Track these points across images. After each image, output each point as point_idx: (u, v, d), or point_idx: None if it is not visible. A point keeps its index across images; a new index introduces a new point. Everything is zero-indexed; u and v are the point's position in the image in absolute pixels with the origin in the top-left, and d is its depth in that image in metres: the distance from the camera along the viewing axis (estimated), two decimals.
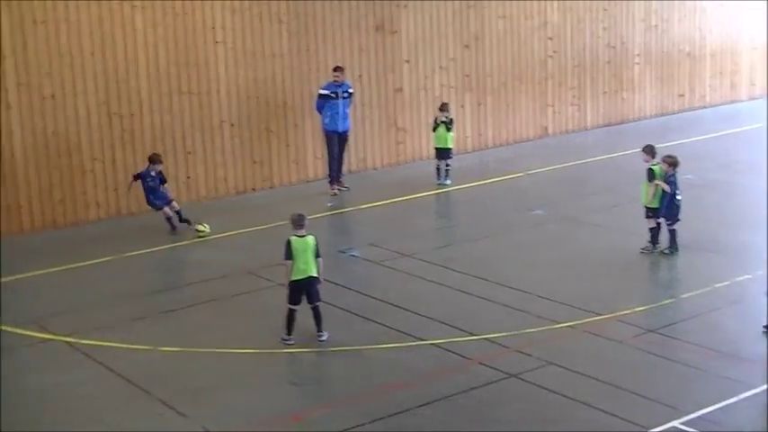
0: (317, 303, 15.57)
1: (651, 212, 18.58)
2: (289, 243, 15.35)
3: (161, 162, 21.45)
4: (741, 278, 17.23)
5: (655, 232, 18.58)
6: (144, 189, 21.27)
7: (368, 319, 16.35)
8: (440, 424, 13.02)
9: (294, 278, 15.37)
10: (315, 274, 15.46)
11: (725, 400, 13.21)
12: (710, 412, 12.90)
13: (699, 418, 12.75)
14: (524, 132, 27.82)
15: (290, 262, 15.30)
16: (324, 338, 15.52)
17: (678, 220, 18.32)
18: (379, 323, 16.18)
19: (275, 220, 21.32)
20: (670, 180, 18.29)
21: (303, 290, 15.46)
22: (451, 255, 19.47)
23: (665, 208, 18.26)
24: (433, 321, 16.13)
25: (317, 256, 15.50)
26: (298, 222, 15.52)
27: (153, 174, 21.20)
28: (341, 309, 16.81)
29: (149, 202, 21.28)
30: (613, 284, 17.39)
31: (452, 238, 21.00)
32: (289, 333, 15.45)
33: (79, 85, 21.74)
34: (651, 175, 18.42)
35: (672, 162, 18.34)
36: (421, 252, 19.40)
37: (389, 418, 13.19)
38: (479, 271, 18.15)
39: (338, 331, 15.90)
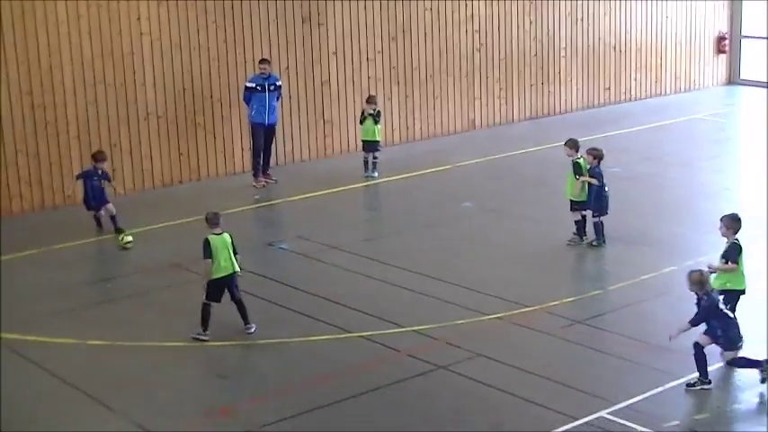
0: (240, 296, 15.48)
1: (576, 205, 18.68)
2: (207, 242, 15.22)
3: (105, 159, 20.73)
4: (668, 269, 17.39)
5: (580, 225, 18.69)
6: (86, 189, 20.41)
7: (296, 311, 16.28)
8: (369, 416, 13.02)
9: (216, 276, 15.23)
10: (237, 270, 15.36)
11: (652, 389, 13.34)
12: (638, 402, 13.03)
13: (627, 407, 12.87)
14: (452, 125, 27.87)
15: (209, 261, 15.17)
16: (252, 330, 15.43)
17: (606, 213, 18.42)
18: (308, 315, 16.13)
19: (202, 213, 21.10)
20: (595, 172, 18.38)
21: (225, 286, 15.35)
22: (380, 247, 19.47)
23: (594, 200, 18.35)
24: (361, 314, 16.10)
25: (235, 252, 15.39)
26: (213, 221, 15.42)
27: (99, 172, 20.38)
28: (269, 301, 16.72)
29: (87, 203, 20.45)
30: (541, 276, 17.48)
31: (381, 231, 21.00)
32: (205, 329, 15.31)
33: (1, 75, 21.38)
34: (578, 169, 18.51)
35: (596, 155, 18.40)
36: (349, 244, 19.36)
37: (318, 410, 13.16)
38: (408, 263, 18.14)
39: (266, 324, 15.81)
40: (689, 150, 25.48)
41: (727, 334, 13.41)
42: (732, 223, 14.57)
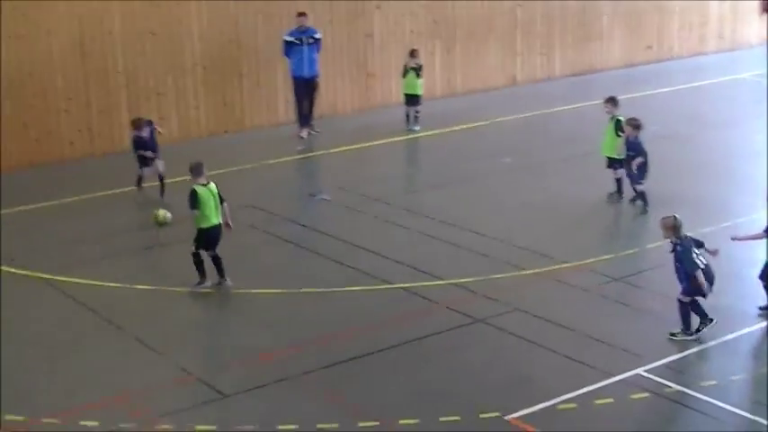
0: (217, 251, 15.45)
1: (616, 163, 18.54)
2: (194, 193, 15.17)
3: (142, 125, 19.40)
4: (705, 230, 17.22)
5: (620, 182, 18.56)
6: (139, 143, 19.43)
7: (337, 261, 16.30)
8: (406, 366, 13.02)
9: (205, 226, 15.22)
10: (220, 221, 15.34)
11: (689, 348, 13.29)
12: (674, 361, 12.97)
13: (663, 366, 12.81)
14: (493, 80, 27.71)
15: (196, 212, 15.14)
16: (228, 284, 15.43)
17: (642, 182, 18.21)
18: (349, 266, 16.14)
19: (246, 163, 21.24)
20: (635, 143, 18.10)
21: (215, 235, 15.35)
22: (420, 200, 19.42)
23: (638, 172, 18.10)
24: (400, 265, 16.10)
25: (221, 201, 15.38)
26: (197, 171, 15.34)
27: (144, 135, 19.33)
28: (311, 251, 16.76)
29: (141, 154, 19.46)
30: (579, 233, 17.40)
31: (421, 184, 20.95)
32: (203, 278, 15.36)
33: (52, 25, 21.43)
34: (619, 125, 18.34)
35: (636, 124, 18.10)
36: (389, 197, 19.34)
37: (357, 359, 13.19)
38: (448, 217, 18.11)
39: (307, 274, 15.86)
40: (730, 110, 25.23)
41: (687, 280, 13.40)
42: None
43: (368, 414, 11.83)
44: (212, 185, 15.31)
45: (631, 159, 17.89)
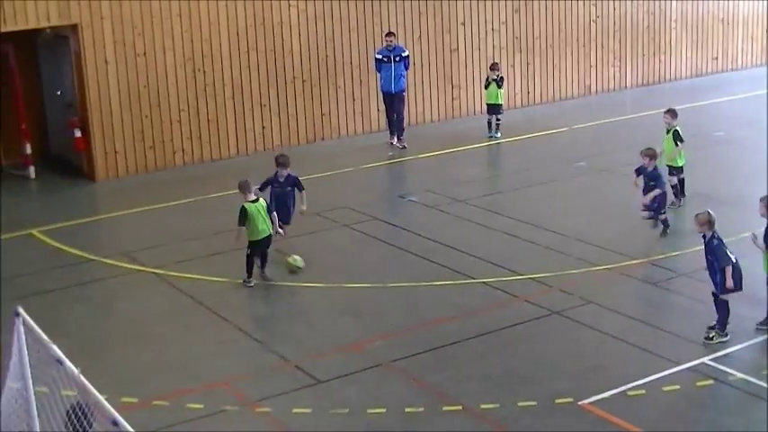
0: (266, 251, 15.49)
1: (674, 170, 18.05)
2: (244, 210, 15.11)
3: (286, 164, 16.56)
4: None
5: (676, 188, 18.00)
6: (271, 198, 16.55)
7: (423, 258, 16.17)
8: (487, 355, 12.88)
9: (256, 239, 15.19)
10: (271, 232, 15.35)
11: (752, 339, 12.94)
12: (737, 350, 12.66)
13: (726, 355, 12.51)
14: (569, 90, 27.33)
15: (243, 228, 15.10)
16: (266, 275, 15.45)
17: (664, 212, 16.89)
18: (434, 262, 16.01)
19: (341, 168, 21.21)
20: (653, 175, 16.72)
21: (264, 245, 15.34)
22: (501, 201, 19.21)
23: (658, 204, 16.71)
24: (482, 261, 15.93)
25: (269, 212, 15.36)
26: (245, 188, 15.27)
27: (281, 179, 16.56)
28: (398, 248, 16.66)
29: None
30: (648, 231, 17.01)
31: (502, 186, 20.72)
32: (250, 277, 15.34)
33: (167, 44, 21.63)
34: (678, 136, 17.86)
35: (651, 155, 16.75)
36: (473, 198, 19.15)
37: (441, 348, 13.08)
38: (526, 216, 17.88)
39: (396, 269, 15.78)
40: None
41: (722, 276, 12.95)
42: None
43: (451, 399, 11.72)
44: (261, 201, 15.31)
45: (650, 190, 16.69)
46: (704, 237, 13.19)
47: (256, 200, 15.28)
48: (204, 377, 12.50)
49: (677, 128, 17.92)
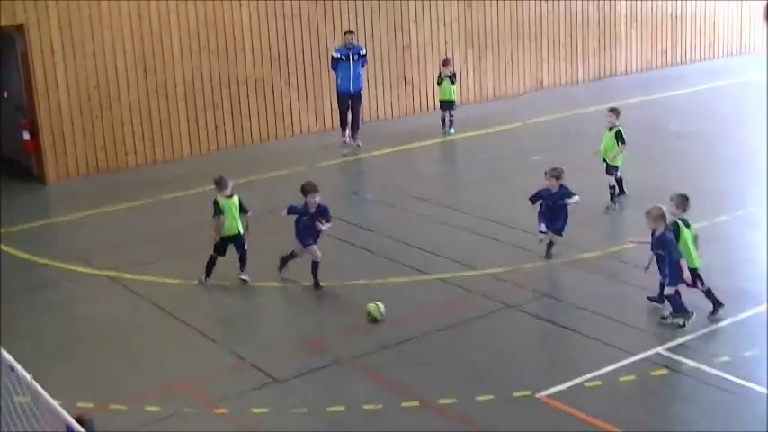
0: (243, 252, 15.34)
1: (612, 169, 18.03)
2: (216, 202, 15.12)
3: (314, 191, 15.10)
4: (720, 219, 17.08)
5: (613, 189, 18.06)
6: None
7: (380, 255, 16.24)
8: (445, 350, 12.97)
9: (222, 235, 15.16)
10: (241, 231, 15.25)
11: (704, 328, 13.13)
12: (691, 339, 12.84)
13: (680, 345, 12.68)
14: (522, 85, 27.55)
15: (221, 216, 15.06)
16: (245, 278, 15.33)
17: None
18: (390, 259, 16.09)
19: (295, 167, 21.22)
20: (558, 193, 15.82)
21: (230, 243, 15.29)
22: (456, 197, 19.32)
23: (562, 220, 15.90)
24: (438, 257, 16.02)
25: (244, 211, 15.27)
26: (221, 184, 15.18)
27: (311, 210, 15.13)
28: (355, 246, 16.71)
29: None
30: (602, 224, 17.27)
31: (457, 183, 20.87)
32: (207, 276, 15.31)
33: (117, 44, 21.53)
34: (620, 136, 17.94)
35: (556, 175, 15.81)
36: (428, 195, 19.26)
37: (401, 344, 13.15)
38: (482, 212, 18.01)
39: (352, 267, 15.83)
40: (740, 111, 24.90)
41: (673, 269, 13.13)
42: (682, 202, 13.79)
43: (410, 394, 11.78)
44: (235, 198, 15.22)
45: (557, 211, 15.76)
46: (653, 232, 13.31)
47: (231, 196, 15.21)
48: (162, 379, 12.48)
49: (620, 128, 18.01)
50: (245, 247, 15.35)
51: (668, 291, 13.26)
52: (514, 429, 11.08)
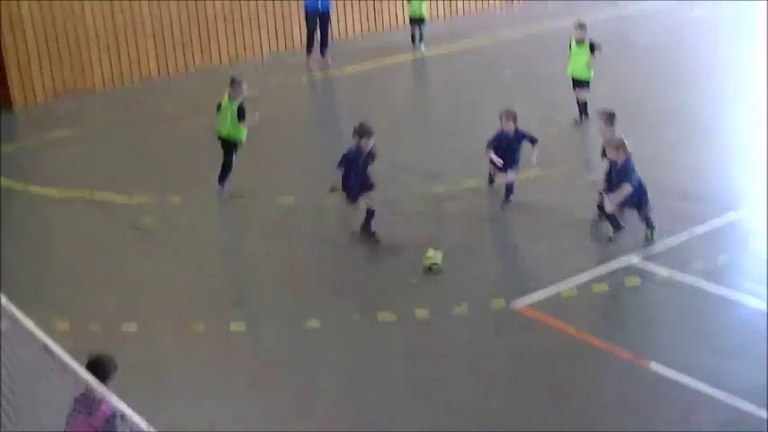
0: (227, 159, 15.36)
1: (583, 84, 17.73)
2: (219, 104, 15.19)
3: (369, 133, 13.69)
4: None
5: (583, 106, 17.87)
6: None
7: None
8: (418, 263, 12.95)
9: (217, 134, 15.29)
10: (230, 137, 15.20)
11: (677, 238, 13.20)
12: (664, 249, 12.92)
13: (654, 254, 12.76)
14: (491, 1, 27.33)
15: (256, 115, 15.20)
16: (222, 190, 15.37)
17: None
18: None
19: (263, 86, 21.04)
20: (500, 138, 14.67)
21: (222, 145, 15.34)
22: (431, 109, 19.26)
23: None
24: (410, 172, 15.99)
25: (241, 118, 15.11)
26: (232, 85, 15.11)
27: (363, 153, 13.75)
28: (326, 162, 16.59)
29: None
30: (577, 137, 17.22)
31: (430, 96, 20.79)
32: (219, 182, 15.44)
33: None
34: (595, 47, 17.65)
35: (513, 116, 14.71)
36: (400, 108, 19.20)
37: (370, 259, 13.17)
38: (453, 127, 17.97)
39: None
40: (713, 22, 24.79)
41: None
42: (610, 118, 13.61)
43: (385, 307, 11.80)
44: (236, 103, 15.05)
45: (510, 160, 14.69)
46: (615, 163, 12.97)
47: (233, 100, 15.06)
48: (138, 298, 12.47)
49: (591, 41, 17.73)
50: (232, 157, 15.26)
51: (609, 209, 12.97)
52: (490, 339, 11.16)
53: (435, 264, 12.63)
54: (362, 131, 13.51)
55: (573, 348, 10.90)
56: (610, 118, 13.62)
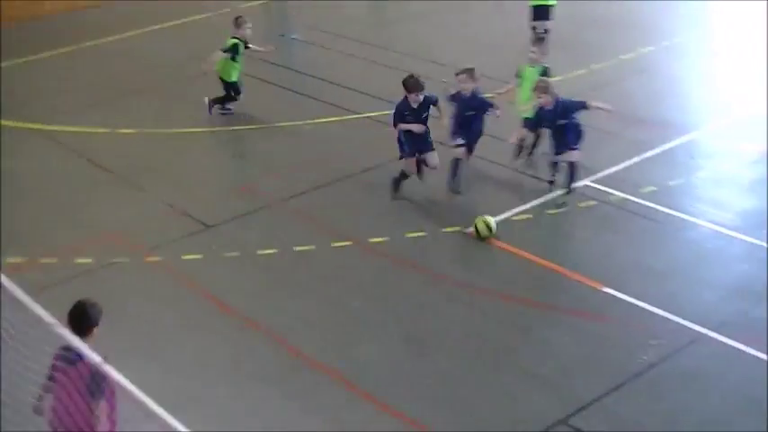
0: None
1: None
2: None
3: (419, 88, 12.43)
4: (646, 49, 17.14)
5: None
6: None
7: (308, 96, 16.13)
8: (376, 189, 13.00)
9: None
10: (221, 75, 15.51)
11: (631, 158, 13.32)
12: (618, 171, 13.03)
13: (608, 176, 12.85)
14: None
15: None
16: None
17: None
18: (319, 99, 15.99)
19: (214, 10, 20.77)
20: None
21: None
22: (385, 35, 19.13)
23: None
24: (366, 96, 15.96)
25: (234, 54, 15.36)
26: (236, 23, 15.38)
27: (413, 106, 12.54)
28: (283, 87, 16.56)
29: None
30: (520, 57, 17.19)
31: (384, 20, 20.62)
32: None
33: None
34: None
35: (472, 74, 13.01)
36: (356, 34, 19.04)
37: (331, 185, 13.19)
38: (409, 49, 17.87)
39: (281, 108, 15.71)
40: None
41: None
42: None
43: (341, 234, 11.86)
44: (230, 42, 15.31)
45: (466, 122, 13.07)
46: (542, 109, 12.39)
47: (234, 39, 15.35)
48: (92, 231, 12.38)
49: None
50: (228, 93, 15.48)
51: (578, 155, 12.46)
52: (443, 260, 11.27)
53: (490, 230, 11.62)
54: (409, 86, 12.45)
55: (527, 269, 11.01)
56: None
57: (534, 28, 16.88)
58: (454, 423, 8.62)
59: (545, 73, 13.27)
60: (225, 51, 15.25)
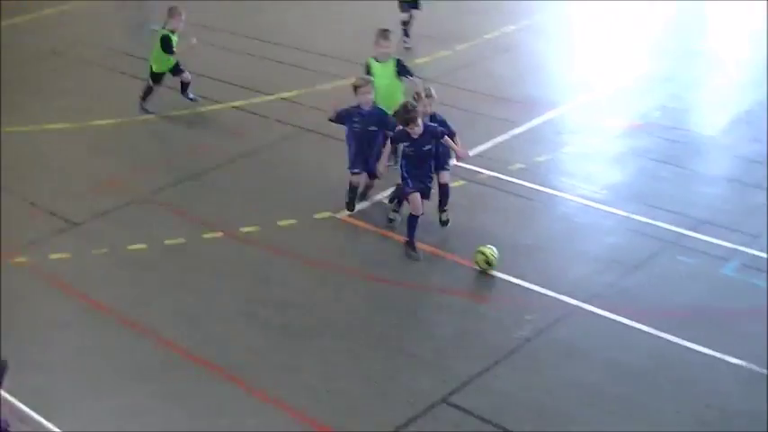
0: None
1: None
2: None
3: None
4: (508, 29, 17.36)
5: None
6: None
7: (170, 87, 15.87)
8: (244, 179, 12.95)
9: None
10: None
11: (497, 137, 13.49)
12: (486, 149, 13.18)
13: (476, 155, 12.95)
14: None
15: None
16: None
17: None
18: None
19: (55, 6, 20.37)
20: None
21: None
22: (245, 23, 18.98)
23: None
24: (231, 85, 15.82)
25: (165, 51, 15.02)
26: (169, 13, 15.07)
27: (362, 113, 11.80)
28: (143, 80, 16.28)
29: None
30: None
31: (245, 8, 20.44)
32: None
33: None
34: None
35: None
36: (218, 22, 18.85)
37: (199, 176, 13.05)
38: (272, 37, 17.78)
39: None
40: None
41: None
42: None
43: (211, 226, 11.75)
44: (162, 32, 14.99)
45: None
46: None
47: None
48: None
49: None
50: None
51: (448, 177, 11.58)
52: (316, 246, 11.27)
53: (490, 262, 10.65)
54: (360, 88, 11.85)
55: (400, 251, 11.07)
56: (385, 33, 12.66)
57: (404, 21, 16.99)
58: (334, 409, 8.62)
59: (399, 66, 12.69)
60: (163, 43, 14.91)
